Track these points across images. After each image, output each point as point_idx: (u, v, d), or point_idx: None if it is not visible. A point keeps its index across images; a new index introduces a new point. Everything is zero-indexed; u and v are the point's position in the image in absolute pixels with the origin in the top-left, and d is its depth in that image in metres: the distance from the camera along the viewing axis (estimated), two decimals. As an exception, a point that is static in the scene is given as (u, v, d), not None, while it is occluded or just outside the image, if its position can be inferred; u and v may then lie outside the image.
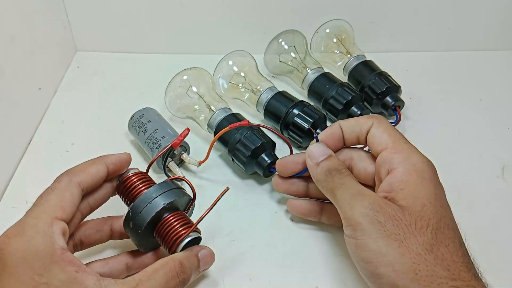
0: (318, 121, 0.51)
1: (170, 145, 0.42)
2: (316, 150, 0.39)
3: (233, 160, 0.49)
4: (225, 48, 0.56)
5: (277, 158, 0.45)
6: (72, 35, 0.67)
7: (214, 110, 0.51)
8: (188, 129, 0.43)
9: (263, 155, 0.47)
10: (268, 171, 0.47)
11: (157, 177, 0.40)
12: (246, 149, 0.47)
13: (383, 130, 0.38)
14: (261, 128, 0.49)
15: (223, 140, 0.49)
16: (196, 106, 0.53)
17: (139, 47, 0.68)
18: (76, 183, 0.35)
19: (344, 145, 0.41)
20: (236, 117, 0.51)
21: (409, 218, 0.32)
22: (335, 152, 0.40)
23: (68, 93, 0.62)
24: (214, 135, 0.48)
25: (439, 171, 0.50)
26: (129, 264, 0.39)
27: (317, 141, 0.40)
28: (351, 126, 0.40)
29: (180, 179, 0.40)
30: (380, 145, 0.37)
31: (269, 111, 0.53)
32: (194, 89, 0.53)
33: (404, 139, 0.38)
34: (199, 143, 0.52)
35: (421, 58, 0.68)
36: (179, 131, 0.51)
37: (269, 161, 0.47)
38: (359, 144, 0.40)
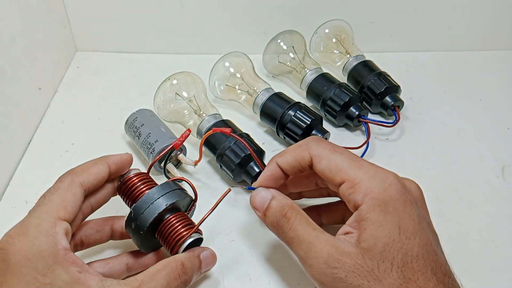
0: (313, 122, 0.50)
1: (171, 146, 0.42)
2: (256, 201, 0.37)
3: (221, 167, 0.48)
4: (225, 48, 0.56)
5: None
6: (72, 35, 0.67)
7: (204, 117, 0.51)
8: (189, 130, 0.43)
9: (252, 163, 0.47)
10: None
11: (155, 179, 0.40)
12: (235, 157, 0.46)
13: (327, 162, 0.35)
14: (249, 137, 0.49)
15: (212, 146, 0.49)
16: (185, 112, 0.53)
17: (139, 47, 0.68)
18: (79, 183, 0.35)
19: (289, 176, 0.38)
20: (226, 123, 0.51)
21: (371, 263, 0.30)
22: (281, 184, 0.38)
23: (68, 93, 0.62)
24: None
25: (439, 171, 0.51)
26: (130, 264, 0.39)
27: (251, 188, 0.38)
28: (289, 163, 0.37)
29: (181, 180, 0.40)
30: (335, 180, 0.34)
31: (265, 113, 0.53)
32: (184, 94, 0.53)
33: (355, 160, 0.35)
34: (189, 148, 0.52)
35: (421, 58, 0.68)
36: (174, 132, 0.51)
37: (258, 171, 0.46)
38: (304, 172, 0.38)
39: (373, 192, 0.32)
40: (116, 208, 0.42)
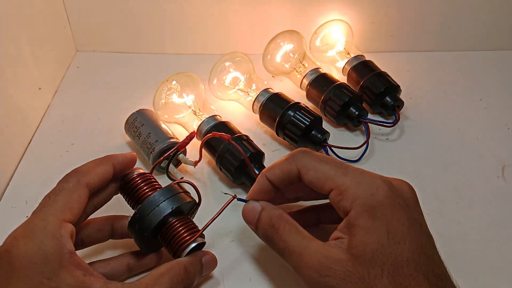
0: (313, 122, 0.50)
1: (176, 147, 0.42)
2: (247, 214, 0.37)
3: (221, 169, 0.48)
4: (225, 48, 0.56)
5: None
6: (72, 35, 0.67)
7: (203, 117, 0.51)
8: (194, 132, 0.43)
9: (252, 165, 0.46)
10: None
11: (157, 179, 0.40)
12: (234, 160, 0.46)
13: (314, 173, 0.35)
14: (249, 139, 0.49)
15: (211, 147, 0.49)
16: (185, 112, 0.52)
17: (139, 47, 0.68)
18: (84, 184, 0.35)
19: (280, 188, 0.38)
20: (225, 125, 0.51)
21: (361, 269, 0.30)
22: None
23: (68, 93, 0.62)
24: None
25: (439, 171, 0.51)
26: (131, 265, 0.39)
27: (241, 200, 0.38)
28: (278, 177, 0.37)
29: (188, 183, 0.39)
30: (323, 189, 0.35)
31: (265, 113, 0.53)
32: (184, 95, 0.52)
33: (342, 168, 0.34)
34: (188, 148, 0.52)
35: (421, 58, 0.68)
36: (174, 132, 0.51)
37: (258, 173, 0.46)
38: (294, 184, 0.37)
39: (360, 197, 0.32)
40: (116, 206, 0.42)
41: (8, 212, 0.46)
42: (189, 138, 0.42)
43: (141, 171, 0.39)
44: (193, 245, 0.36)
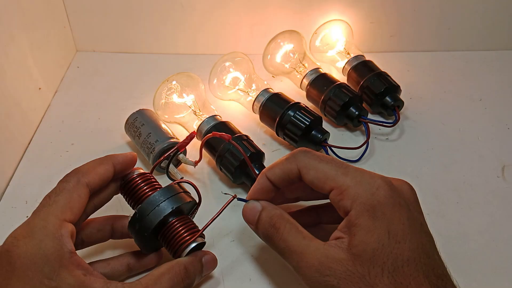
0: (313, 122, 0.50)
1: (176, 147, 0.42)
2: (248, 214, 0.37)
3: (221, 169, 0.48)
4: (225, 48, 0.57)
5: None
6: (72, 35, 0.67)
7: (203, 117, 0.51)
8: (194, 132, 0.43)
9: (252, 165, 0.46)
10: None
11: (157, 179, 0.40)
12: (234, 160, 0.46)
13: (315, 172, 0.35)
14: (249, 139, 0.49)
15: (211, 147, 0.49)
16: (185, 112, 0.53)
17: (139, 47, 0.68)
18: (85, 184, 0.35)
19: (280, 188, 0.38)
20: (225, 125, 0.51)
21: (361, 269, 0.30)
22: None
23: (68, 93, 0.62)
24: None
25: (439, 171, 0.51)
26: (131, 265, 0.39)
27: (242, 200, 0.38)
28: (279, 176, 0.37)
29: (188, 183, 0.39)
30: (324, 189, 0.34)
31: (265, 113, 0.53)
32: (184, 95, 0.53)
33: (342, 167, 0.34)
34: (188, 148, 0.52)
35: (421, 58, 0.68)
36: (174, 132, 0.51)
37: (258, 173, 0.46)
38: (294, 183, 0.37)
39: (361, 197, 0.32)
40: (116, 206, 0.42)
41: (8, 212, 0.46)
42: (189, 138, 0.42)
43: (141, 171, 0.39)
44: (193, 245, 0.37)
